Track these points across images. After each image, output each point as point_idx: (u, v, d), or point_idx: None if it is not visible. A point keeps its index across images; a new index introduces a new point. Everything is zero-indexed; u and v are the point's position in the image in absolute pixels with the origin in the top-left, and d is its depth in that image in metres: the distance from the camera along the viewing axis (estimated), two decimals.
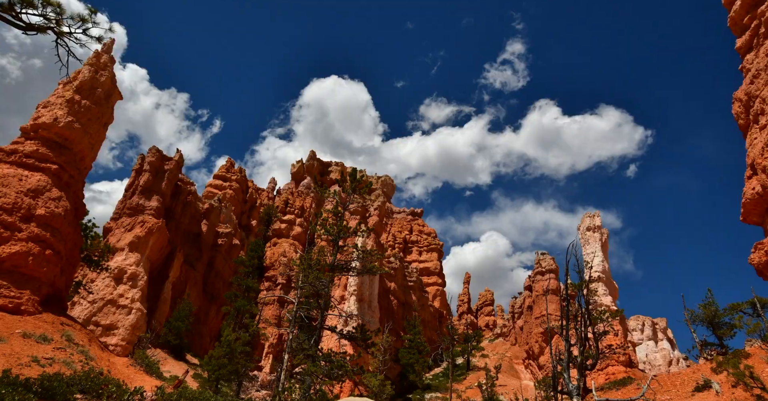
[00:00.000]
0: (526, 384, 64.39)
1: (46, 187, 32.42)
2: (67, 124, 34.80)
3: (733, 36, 29.61)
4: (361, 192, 28.50)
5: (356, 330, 25.91)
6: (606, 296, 51.46)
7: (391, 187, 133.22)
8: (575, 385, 24.64)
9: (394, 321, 72.48)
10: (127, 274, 51.37)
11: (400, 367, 65.89)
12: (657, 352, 77.38)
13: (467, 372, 71.01)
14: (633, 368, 49.95)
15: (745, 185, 28.01)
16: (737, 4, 28.06)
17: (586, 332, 27.48)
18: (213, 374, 38.43)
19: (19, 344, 24.88)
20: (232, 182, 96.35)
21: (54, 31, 12.64)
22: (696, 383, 30.83)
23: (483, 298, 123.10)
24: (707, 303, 43.61)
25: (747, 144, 28.47)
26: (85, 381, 17.32)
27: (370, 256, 26.79)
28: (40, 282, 30.39)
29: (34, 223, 30.91)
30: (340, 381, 23.47)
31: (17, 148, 33.37)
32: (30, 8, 12.08)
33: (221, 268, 75.41)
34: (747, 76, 27.99)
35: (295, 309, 25.62)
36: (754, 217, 28.32)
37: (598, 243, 55.07)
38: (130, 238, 53.80)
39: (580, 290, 29.18)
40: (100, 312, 48.32)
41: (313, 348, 23.79)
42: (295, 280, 26.66)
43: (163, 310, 58.28)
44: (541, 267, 76.46)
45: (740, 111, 29.04)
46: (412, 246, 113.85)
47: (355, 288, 61.98)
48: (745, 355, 31.97)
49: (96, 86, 37.90)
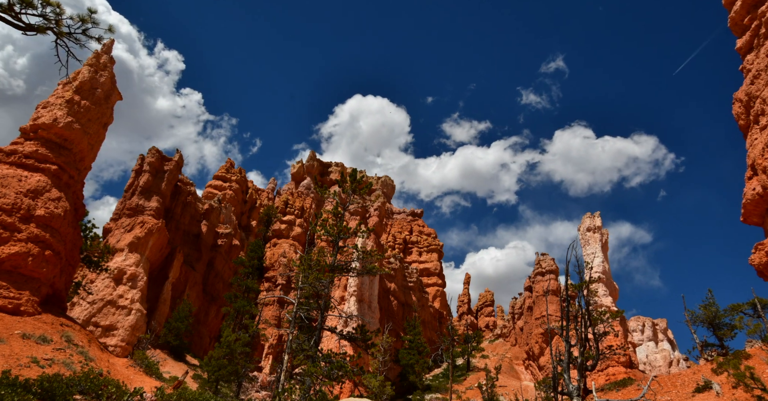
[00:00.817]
0: (526, 385, 64.29)
1: (45, 187, 32.38)
2: (67, 124, 34.77)
3: (734, 36, 29.59)
4: (361, 192, 28.44)
5: (356, 330, 25.82)
6: (606, 297, 51.35)
7: (391, 188, 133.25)
8: (575, 386, 24.62)
9: (394, 321, 72.41)
10: (127, 275, 51.33)
11: (400, 368, 65.81)
12: (657, 353, 77.25)
13: (467, 372, 70.90)
14: (633, 369, 49.88)
15: (746, 186, 27.95)
16: (737, 4, 28.04)
17: (586, 333, 27.48)
18: (213, 375, 38.39)
19: (19, 345, 24.87)
20: (231, 183, 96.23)
21: (53, 32, 12.60)
22: (696, 384, 30.75)
23: (483, 299, 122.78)
24: (707, 304, 43.50)
25: (747, 144, 28.41)
26: (85, 382, 17.34)
27: (370, 257, 26.70)
28: (40, 282, 30.37)
29: (33, 224, 30.89)
30: (340, 382, 23.37)
31: (17, 148, 33.33)
32: (29, 8, 12.04)
33: (221, 269, 75.34)
34: (747, 76, 27.94)
35: (294, 309, 25.52)
36: (754, 218, 28.28)
37: (598, 244, 54.92)
38: (130, 239, 53.78)
39: (581, 291, 29.16)
40: (99, 313, 48.29)
41: (313, 348, 23.71)
42: (294, 281, 26.62)
43: (163, 311, 58.20)
44: (541, 268, 76.32)
45: (740, 111, 29.00)
46: (412, 246, 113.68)
47: (355, 289, 61.90)
48: (746, 356, 31.90)
49: (96, 87, 37.87)
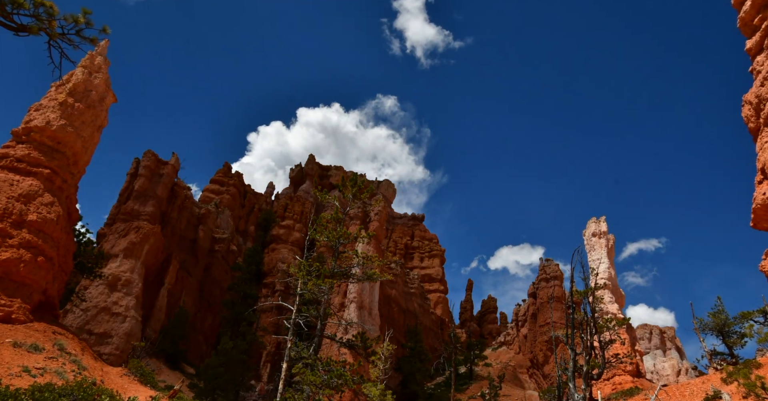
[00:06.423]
0: (530, 394, 63.36)
1: (38, 192, 31.73)
2: (60, 127, 34.11)
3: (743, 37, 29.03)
4: (362, 196, 27.78)
5: (356, 338, 25.35)
6: (612, 303, 50.53)
7: (392, 192, 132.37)
8: (581, 395, 24.08)
9: (395, 328, 71.52)
10: (122, 281, 50.51)
11: (402, 376, 64.88)
12: (665, 362, 76.28)
13: (470, 381, 69.98)
14: (640, 378, 49.06)
15: (756, 190, 27.35)
16: (747, 4, 27.50)
17: (591, 340, 26.90)
18: (209, 384, 37.67)
19: (10, 353, 24.53)
20: (229, 187, 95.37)
21: (46, 33, 12.18)
22: (705, 394, 30.08)
23: (486, 306, 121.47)
24: (717, 312, 42.72)
25: (757, 148, 27.82)
26: (78, 391, 17.29)
27: (370, 262, 26.04)
28: (32, 289, 29.76)
29: (25, 229, 30.26)
30: (340, 390, 22.74)
31: (8, 152, 32.72)
32: (20, 9, 11.61)
33: (218, 275, 74.53)
34: (757, 78, 27.38)
35: (293, 316, 24.82)
36: (765, 223, 27.58)
37: (603, 250, 54.12)
38: (125, 244, 52.93)
39: (586, 297, 28.47)
40: (93, 320, 47.44)
41: (312, 356, 23.03)
42: (293, 287, 26.06)
43: (159, 318, 57.35)
44: (545, 274, 75.49)
45: (750, 114, 28.42)
46: (413, 252, 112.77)
47: (355, 295, 61.05)
48: (756, 365, 31.26)
49: (90, 89, 37.21)
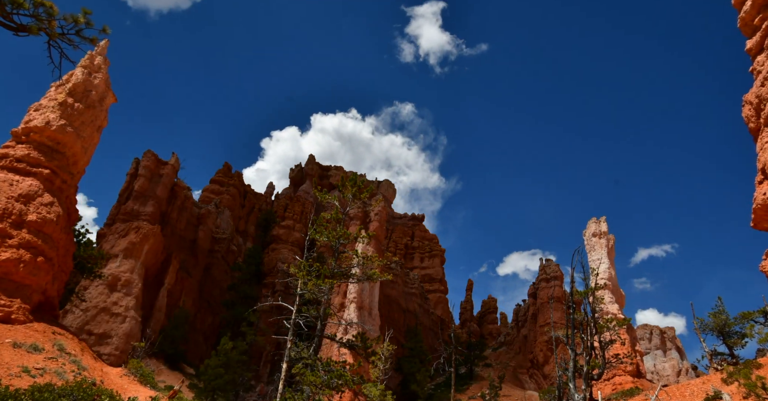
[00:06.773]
0: (530, 394, 63.30)
1: (37, 192, 31.68)
2: (60, 127, 34.06)
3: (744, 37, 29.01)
4: (362, 197, 27.75)
5: (356, 338, 25.29)
6: (612, 304, 50.48)
7: (392, 192, 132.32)
8: (581, 395, 24.07)
9: (395, 329, 71.47)
10: (121, 281, 50.46)
11: (402, 377, 64.86)
12: (665, 362, 76.18)
13: (470, 381, 69.98)
14: (641, 378, 49.04)
15: (756, 190, 27.35)
16: (748, 4, 27.49)
17: (592, 341, 26.87)
18: (209, 384, 37.62)
19: (9, 354, 24.52)
20: (229, 187, 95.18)
21: (46, 33, 12.16)
22: (706, 394, 30.03)
23: (486, 306, 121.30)
24: (717, 312, 42.66)
25: (758, 148, 27.81)
26: (77, 391, 17.32)
27: (370, 263, 26.01)
28: (32, 290, 29.71)
29: (25, 230, 30.21)
30: (340, 391, 22.69)
31: (8, 152, 32.67)
32: (20, 9, 11.58)
33: (218, 275, 74.46)
34: (758, 78, 27.36)
35: (293, 317, 24.79)
36: (765, 224, 27.59)
37: (604, 250, 54.05)
38: (125, 245, 52.88)
39: (586, 298, 28.44)
40: (93, 321, 47.40)
41: (312, 357, 22.98)
42: (293, 287, 26.03)
43: (159, 318, 57.30)
44: (545, 274, 75.41)
45: (751, 114, 28.40)
46: (413, 252, 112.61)
47: (355, 296, 60.99)
48: (757, 365, 31.18)
49: (90, 89, 37.14)
